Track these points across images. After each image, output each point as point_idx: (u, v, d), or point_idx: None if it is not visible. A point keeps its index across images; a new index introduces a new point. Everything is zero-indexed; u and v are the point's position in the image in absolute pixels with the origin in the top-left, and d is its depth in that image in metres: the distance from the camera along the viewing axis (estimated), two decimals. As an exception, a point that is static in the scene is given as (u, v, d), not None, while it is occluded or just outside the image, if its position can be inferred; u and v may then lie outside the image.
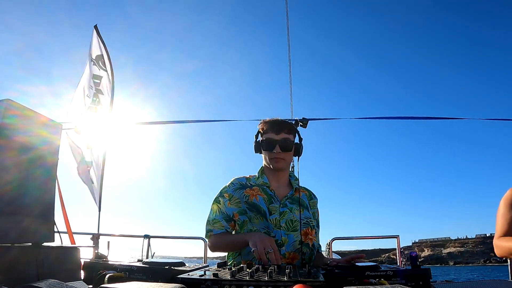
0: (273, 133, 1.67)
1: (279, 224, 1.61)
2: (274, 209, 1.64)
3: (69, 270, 2.34)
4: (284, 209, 1.66)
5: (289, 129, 1.69)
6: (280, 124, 1.70)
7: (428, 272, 0.89)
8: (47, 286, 0.64)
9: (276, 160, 1.67)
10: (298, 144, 1.72)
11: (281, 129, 1.67)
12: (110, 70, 4.45)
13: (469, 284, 1.26)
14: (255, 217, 1.62)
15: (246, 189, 1.70)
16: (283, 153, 1.66)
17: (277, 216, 1.62)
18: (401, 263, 3.90)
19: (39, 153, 1.74)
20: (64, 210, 3.87)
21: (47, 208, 2.46)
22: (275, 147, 1.65)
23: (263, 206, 1.64)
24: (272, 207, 1.65)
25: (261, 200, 1.66)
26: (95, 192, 4.33)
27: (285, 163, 1.70)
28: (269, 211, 1.63)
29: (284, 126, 1.70)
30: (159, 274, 0.92)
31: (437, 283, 2.70)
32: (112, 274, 0.90)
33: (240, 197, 1.68)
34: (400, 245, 3.95)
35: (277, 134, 1.66)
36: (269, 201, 1.66)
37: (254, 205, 1.64)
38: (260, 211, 1.63)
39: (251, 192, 1.68)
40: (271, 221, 1.61)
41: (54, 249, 2.46)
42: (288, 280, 0.83)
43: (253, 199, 1.65)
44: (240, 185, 1.72)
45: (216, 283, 0.82)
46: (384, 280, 0.84)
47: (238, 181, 1.75)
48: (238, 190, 1.70)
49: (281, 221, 1.62)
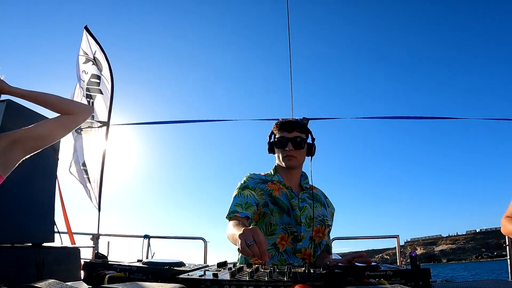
0: (286, 131, 1.70)
1: (299, 220, 1.62)
2: (295, 204, 1.65)
3: (69, 270, 2.35)
4: (303, 204, 1.68)
5: (301, 128, 1.73)
6: (293, 123, 1.74)
7: (428, 272, 0.89)
8: (47, 286, 0.64)
9: (288, 158, 1.69)
10: (311, 143, 1.75)
11: (293, 128, 1.70)
12: (108, 70, 4.44)
13: (469, 284, 1.26)
14: (278, 211, 1.62)
15: (268, 183, 1.71)
16: (296, 151, 1.69)
17: (298, 212, 1.64)
18: (401, 263, 3.90)
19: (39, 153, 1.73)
20: (64, 210, 3.87)
21: (47, 208, 2.47)
22: (287, 144, 1.67)
23: (286, 201, 1.65)
24: (294, 202, 1.66)
25: (283, 194, 1.67)
26: (94, 192, 4.33)
27: (297, 161, 1.72)
28: (292, 207, 1.64)
29: (297, 125, 1.73)
30: (159, 274, 0.92)
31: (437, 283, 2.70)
32: (112, 274, 0.90)
33: (263, 189, 1.68)
34: (400, 245, 3.96)
35: (289, 133, 1.69)
36: (290, 196, 1.68)
37: (277, 200, 1.64)
38: (282, 207, 1.63)
39: (273, 186, 1.69)
40: (293, 217, 1.62)
41: (54, 249, 2.47)
42: (288, 280, 0.83)
43: (276, 194, 1.66)
44: (260, 180, 1.73)
45: (216, 283, 0.82)
46: (384, 280, 0.84)
47: (257, 176, 1.76)
48: (260, 183, 1.71)
49: (301, 216, 1.63)
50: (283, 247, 1.60)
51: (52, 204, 2.39)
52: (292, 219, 1.62)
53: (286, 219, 1.62)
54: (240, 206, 1.56)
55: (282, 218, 1.62)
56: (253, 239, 1.05)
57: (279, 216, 1.62)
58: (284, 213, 1.62)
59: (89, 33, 4.55)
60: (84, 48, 4.55)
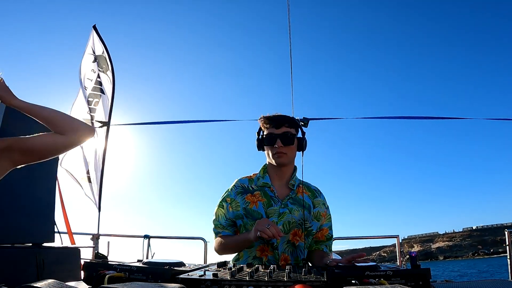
0: (274, 127, 1.64)
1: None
2: (273, 212, 1.62)
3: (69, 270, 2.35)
4: (284, 209, 1.63)
5: (290, 123, 1.66)
6: (280, 118, 1.67)
7: (428, 272, 0.89)
8: (47, 286, 0.64)
9: (278, 155, 1.64)
10: (301, 138, 1.68)
11: (281, 123, 1.64)
12: (111, 70, 4.44)
13: (469, 284, 1.26)
14: (250, 223, 1.61)
15: (248, 194, 1.68)
16: (285, 147, 1.63)
17: (275, 219, 1.61)
18: (401, 263, 3.89)
19: (39, 153, 1.72)
20: (64, 210, 3.87)
21: (47, 208, 2.47)
22: (276, 141, 1.62)
23: (261, 211, 1.62)
24: (271, 210, 1.63)
25: (260, 205, 1.64)
26: (93, 192, 4.33)
27: (288, 158, 1.67)
28: (267, 215, 1.61)
29: (285, 120, 1.66)
30: (159, 274, 0.92)
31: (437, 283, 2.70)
32: (112, 274, 0.90)
33: (241, 201, 1.67)
34: (399, 245, 3.95)
35: (277, 128, 1.63)
36: (268, 204, 1.64)
37: (252, 212, 1.63)
38: (256, 217, 1.61)
39: (251, 198, 1.66)
40: None
41: (54, 249, 2.46)
42: (288, 280, 0.83)
43: (253, 206, 1.64)
44: (242, 188, 1.71)
45: (216, 283, 0.82)
46: (384, 280, 0.84)
47: (241, 183, 1.73)
48: (240, 194, 1.69)
49: (278, 223, 1.60)
50: (266, 257, 1.59)
51: (52, 204, 2.39)
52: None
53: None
54: (219, 227, 1.70)
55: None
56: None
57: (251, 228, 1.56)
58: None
59: (97, 33, 4.57)
60: (93, 47, 4.57)
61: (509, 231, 3.65)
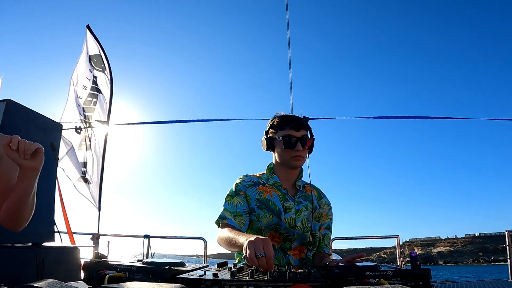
0: (293, 129, 1.59)
1: (294, 224, 1.56)
2: (289, 207, 1.59)
3: (69, 270, 2.34)
4: (299, 206, 1.61)
5: (305, 126, 1.64)
6: (300, 121, 1.63)
7: (428, 272, 0.89)
8: (47, 286, 0.64)
9: (297, 158, 1.59)
10: (313, 140, 1.66)
11: (300, 126, 1.60)
12: (108, 69, 4.44)
13: (469, 284, 1.26)
14: (264, 215, 1.55)
15: (259, 185, 1.63)
16: (303, 151, 1.60)
17: (292, 215, 1.57)
18: (401, 263, 3.89)
19: (39, 153, 1.71)
20: (64, 210, 3.87)
21: (47, 208, 2.46)
22: (296, 144, 1.57)
23: (278, 204, 1.58)
24: (287, 204, 1.59)
25: (275, 197, 1.59)
26: (93, 192, 4.33)
27: (304, 161, 1.64)
28: (284, 210, 1.57)
29: (303, 122, 1.63)
30: (159, 274, 0.92)
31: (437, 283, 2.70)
32: (112, 274, 0.90)
33: (252, 194, 1.60)
34: (399, 245, 3.96)
35: (297, 131, 1.59)
36: (284, 199, 1.60)
37: (267, 202, 1.57)
38: (272, 209, 1.56)
39: (264, 189, 1.62)
40: (286, 220, 1.55)
41: (54, 249, 2.46)
42: (288, 280, 0.83)
43: (267, 195, 1.59)
44: (252, 182, 1.65)
45: (216, 283, 0.82)
46: (384, 280, 0.84)
47: (249, 179, 1.67)
48: (250, 187, 1.62)
49: (296, 220, 1.57)
50: (278, 244, 1.57)
51: (52, 204, 2.39)
52: (283, 222, 1.55)
53: (275, 220, 1.55)
54: (229, 212, 1.55)
55: (272, 221, 1.55)
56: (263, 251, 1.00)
57: (266, 220, 1.55)
58: (274, 215, 1.55)
59: (91, 32, 4.56)
60: (88, 46, 4.57)
61: (509, 231, 3.66)
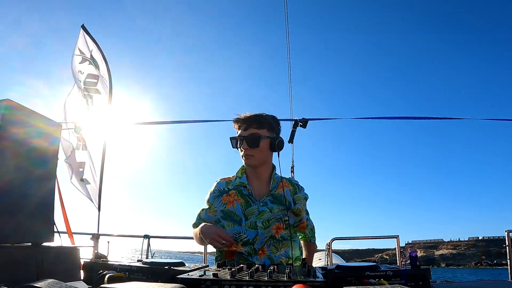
0: (242, 129, 1.64)
1: (255, 225, 1.62)
2: (251, 213, 1.64)
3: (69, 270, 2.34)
4: (263, 208, 1.64)
5: (259, 123, 1.63)
6: (250, 119, 1.64)
7: (428, 272, 0.89)
8: (47, 286, 0.64)
9: (245, 157, 1.64)
10: (274, 138, 1.64)
11: (250, 125, 1.63)
12: (105, 69, 4.42)
13: (469, 284, 1.26)
14: (228, 224, 1.64)
15: (224, 195, 1.69)
16: (251, 150, 1.61)
17: (253, 219, 1.63)
18: (401, 263, 3.90)
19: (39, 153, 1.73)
20: (64, 210, 3.86)
21: (47, 208, 2.46)
22: (242, 143, 1.62)
23: (239, 213, 1.64)
24: (249, 211, 1.64)
25: (238, 206, 1.66)
26: (92, 192, 4.32)
27: (256, 159, 1.64)
28: (246, 217, 1.64)
29: (254, 121, 1.63)
30: (159, 274, 0.92)
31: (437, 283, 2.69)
32: (112, 274, 0.90)
33: (218, 205, 1.69)
34: (400, 246, 3.96)
35: (245, 130, 1.63)
36: (247, 205, 1.65)
37: (230, 213, 1.65)
38: (234, 219, 1.64)
39: (227, 198, 1.68)
40: (246, 225, 1.63)
41: (54, 249, 2.46)
42: (288, 280, 0.83)
43: (230, 207, 1.66)
44: (219, 192, 1.72)
45: (216, 283, 0.82)
46: (384, 280, 0.84)
47: (218, 187, 1.75)
48: (217, 198, 1.71)
49: (257, 221, 1.62)
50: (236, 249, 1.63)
51: (52, 204, 2.38)
52: (243, 227, 1.62)
53: (236, 229, 1.63)
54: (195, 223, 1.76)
55: (233, 230, 1.63)
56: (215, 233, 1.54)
57: (229, 229, 1.63)
58: (236, 223, 1.63)
59: (86, 32, 4.53)
60: (81, 47, 4.53)
61: (508, 231, 3.66)
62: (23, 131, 1.61)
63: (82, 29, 4.55)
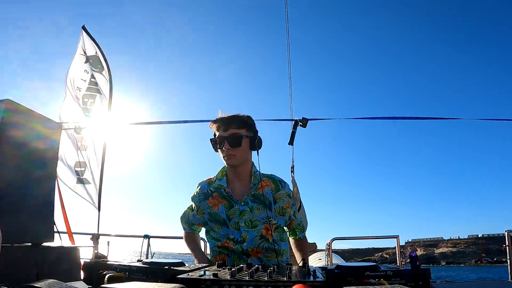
0: (222, 130, 1.67)
1: (238, 226, 1.68)
2: (233, 213, 1.70)
3: (69, 270, 2.34)
4: (244, 207, 1.69)
5: (238, 123, 1.67)
6: (228, 120, 1.68)
7: (428, 272, 0.89)
8: (47, 286, 0.64)
9: (227, 157, 1.67)
10: (253, 137, 1.68)
11: (229, 125, 1.66)
12: (106, 70, 4.43)
13: (469, 284, 1.26)
14: (215, 226, 1.72)
15: (209, 198, 1.76)
16: (233, 149, 1.65)
17: (236, 219, 1.69)
18: (400, 263, 3.90)
19: (39, 153, 1.74)
20: (64, 210, 3.86)
21: (47, 208, 2.47)
22: (224, 144, 1.65)
23: (223, 215, 1.70)
24: (231, 212, 1.70)
25: (222, 208, 1.72)
26: (91, 192, 4.32)
27: (237, 159, 1.68)
28: (228, 218, 1.69)
29: (232, 121, 1.67)
30: (159, 274, 0.92)
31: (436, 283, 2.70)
32: (112, 274, 0.90)
33: (204, 207, 1.76)
34: (399, 245, 3.96)
35: (225, 131, 1.66)
36: (229, 206, 1.71)
37: (215, 215, 1.72)
38: (219, 220, 1.71)
39: (213, 201, 1.74)
40: (231, 226, 1.69)
41: (54, 249, 2.46)
42: (288, 280, 0.83)
43: (215, 209, 1.72)
44: (204, 194, 1.78)
45: (216, 283, 0.82)
46: (383, 280, 0.84)
47: (202, 189, 1.80)
48: (203, 200, 1.77)
49: (239, 222, 1.68)
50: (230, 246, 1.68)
51: (52, 204, 2.39)
52: (230, 228, 1.69)
53: (224, 231, 1.71)
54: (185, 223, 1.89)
55: (221, 231, 1.71)
56: None
57: (217, 230, 1.72)
58: (222, 225, 1.71)
59: (87, 33, 4.54)
60: (83, 48, 4.55)
61: (508, 231, 3.66)
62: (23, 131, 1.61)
63: (83, 30, 4.56)
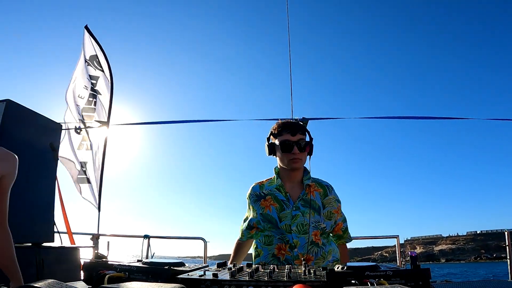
0: (289, 134, 1.75)
1: (289, 229, 1.73)
2: (285, 216, 1.76)
3: (69, 270, 2.34)
4: (296, 212, 1.76)
5: (302, 130, 1.81)
6: (296, 125, 1.81)
7: (428, 272, 0.89)
8: (47, 286, 0.64)
9: (294, 160, 1.75)
10: (311, 143, 1.82)
11: (296, 131, 1.76)
12: (107, 70, 4.43)
13: (469, 284, 1.26)
14: (267, 226, 1.78)
15: (261, 200, 1.83)
16: (300, 154, 1.76)
17: (287, 222, 1.74)
18: (400, 263, 3.90)
19: (39, 153, 1.74)
20: (64, 210, 3.87)
21: (47, 208, 2.47)
22: (293, 148, 1.74)
23: (275, 216, 1.77)
24: (283, 214, 1.76)
25: (273, 210, 1.79)
26: (93, 193, 4.32)
27: (302, 163, 1.80)
28: (280, 219, 1.76)
29: (299, 127, 1.80)
30: (159, 274, 0.92)
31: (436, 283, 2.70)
32: (112, 274, 0.90)
33: (257, 208, 1.83)
34: (399, 245, 3.96)
35: (293, 136, 1.75)
36: (281, 209, 1.78)
37: (267, 216, 1.79)
38: (271, 221, 1.77)
39: (265, 203, 1.82)
40: (283, 227, 1.74)
41: (54, 249, 2.46)
42: (288, 280, 0.83)
43: (267, 211, 1.79)
44: (256, 196, 1.86)
45: (216, 283, 0.82)
46: (384, 280, 0.84)
47: (254, 191, 1.88)
48: (256, 202, 1.85)
49: (291, 225, 1.73)
50: (283, 256, 1.72)
51: (52, 204, 2.39)
52: (283, 230, 1.74)
53: (275, 230, 1.76)
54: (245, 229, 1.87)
55: (276, 231, 1.76)
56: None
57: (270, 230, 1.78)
58: (273, 226, 1.76)
59: (90, 33, 4.55)
60: (86, 47, 4.56)
61: (509, 231, 3.66)
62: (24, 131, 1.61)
63: (85, 30, 4.56)
